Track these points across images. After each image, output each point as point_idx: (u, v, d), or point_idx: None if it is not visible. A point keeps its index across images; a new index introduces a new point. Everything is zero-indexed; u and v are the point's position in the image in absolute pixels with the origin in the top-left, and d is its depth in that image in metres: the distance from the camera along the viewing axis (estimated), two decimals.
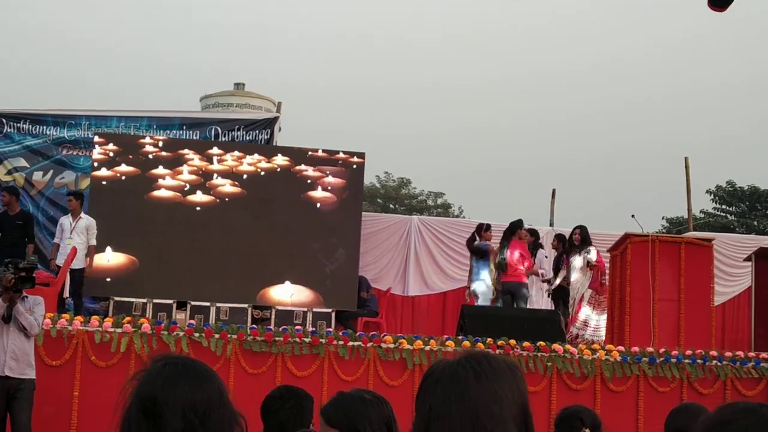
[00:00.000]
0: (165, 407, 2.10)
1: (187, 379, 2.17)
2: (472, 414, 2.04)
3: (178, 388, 2.13)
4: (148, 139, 14.99)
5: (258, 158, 14.91)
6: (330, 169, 15.07)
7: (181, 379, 2.16)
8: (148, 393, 2.13)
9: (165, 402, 2.11)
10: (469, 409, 2.04)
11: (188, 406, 2.11)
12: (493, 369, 2.11)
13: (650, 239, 12.03)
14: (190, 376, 2.18)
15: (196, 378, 2.18)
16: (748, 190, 36.14)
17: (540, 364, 10.88)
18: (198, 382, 2.17)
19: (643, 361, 11.09)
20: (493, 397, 2.07)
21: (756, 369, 11.38)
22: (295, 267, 14.54)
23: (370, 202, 37.95)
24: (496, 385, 2.09)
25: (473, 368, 2.12)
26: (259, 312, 13.99)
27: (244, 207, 14.66)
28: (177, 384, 2.15)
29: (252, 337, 10.47)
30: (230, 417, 2.19)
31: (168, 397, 2.11)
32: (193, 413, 2.11)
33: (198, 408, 2.12)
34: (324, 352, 10.55)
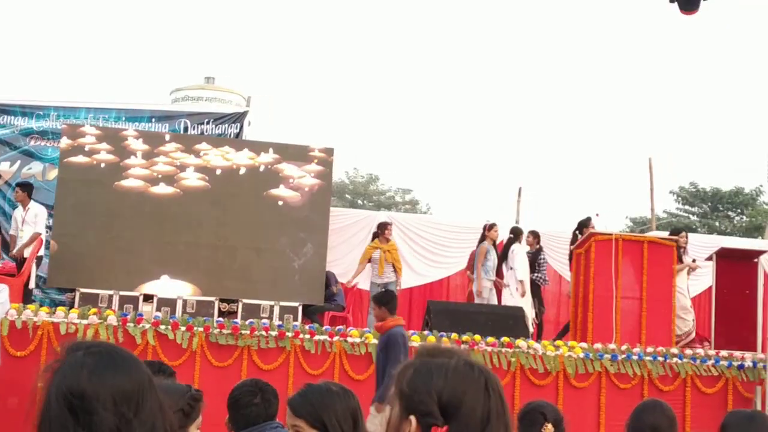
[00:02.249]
0: (95, 402, 1.87)
1: (114, 368, 1.94)
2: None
3: (107, 380, 1.91)
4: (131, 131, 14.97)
5: (228, 152, 14.90)
6: (299, 164, 15.08)
7: (108, 369, 1.93)
8: (74, 387, 1.88)
9: (95, 396, 1.87)
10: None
11: (120, 398, 1.90)
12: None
13: (614, 238, 12.18)
14: (117, 365, 1.96)
15: (124, 366, 1.97)
16: (710, 191, 36.57)
17: (504, 359, 11.00)
18: (126, 371, 1.96)
19: (606, 358, 11.24)
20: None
21: (716, 367, 11.57)
22: (262, 261, 14.57)
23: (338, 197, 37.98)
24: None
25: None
26: (226, 305, 14.00)
27: (212, 200, 14.63)
28: (105, 374, 1.92)
29: (218, 330, 10.51)
30: (161, 403, 1.98)
31: (97, 391, 1.88)
32: (126, 406, 1.90)
33: (131, 399, 1.92)
34: (290, 345, 10.62)
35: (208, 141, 15.12)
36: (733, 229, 35.42)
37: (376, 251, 14.13)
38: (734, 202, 36.76)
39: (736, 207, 37.01)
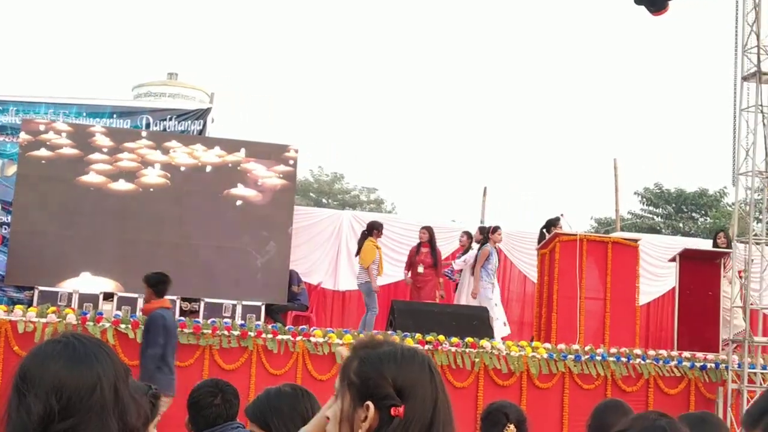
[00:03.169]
0: (31, 386, 1.94)
1: (61, 359, 1.98)
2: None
3: (49, 368, 1.96)
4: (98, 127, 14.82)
5: (191, 149, 14.77)
6: (263, 162, 14.98)
7: (54, 359, 1.98)
8: (22, 369, 1.99)
9: (33, 381, 1.95)
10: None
11: (52, 388, 1.94)
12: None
13: (578, 238, 12.19)
14: (68, 357, 1.99)
15: (74, 360, 1.99)
16: (674, 193, 36.81)
17: (468, 359, 10.96)
18: (74, 364, 1.98)
19: (569, 359, 11.24)
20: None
21: (678, 368, 11.61)
22: (225, 259, 14.44)
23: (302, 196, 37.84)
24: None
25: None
26: (188, 304, 13.86)
27: (173, 198, 14.50)
28: (49, 364, 1.97)
29: (179, 329, 10.38)
30: (108, 408, 1.98)
31: (35, 377, 1.95)
32: (56, 398, 1.93)
33: (63, 393, 1.94)
34: (252, 345, 10.52)
35: (179, 139, 15.00)
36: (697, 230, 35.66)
37: (378, 252, 13.97)
38: (698, 203, 37.02)
39: (700, 208, 37.28)
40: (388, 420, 2.05)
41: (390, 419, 2.05)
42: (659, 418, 2.37)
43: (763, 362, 11.63)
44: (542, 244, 12.91)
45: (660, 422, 2.34)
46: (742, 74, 11.84)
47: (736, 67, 11.86)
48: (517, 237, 16.82)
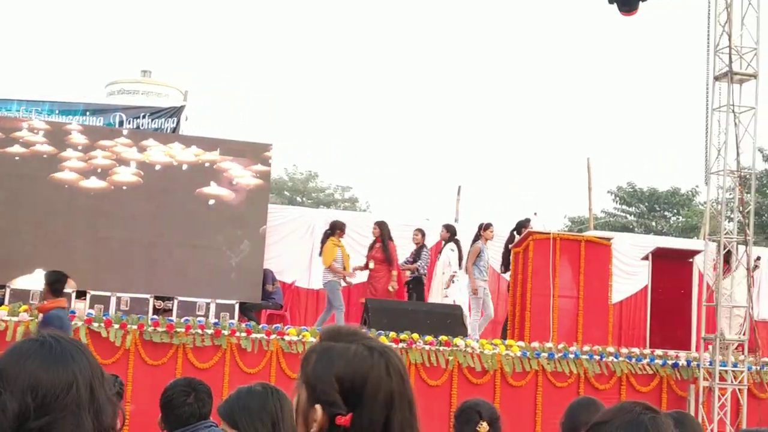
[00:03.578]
0: (6, 385, 1.92)
1: (37, 357, 1.96)
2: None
3: (25, 366, 1.94)
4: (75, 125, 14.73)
5: (169, 147, 14.70)
6: (237, 160, 14.93)
7: (31, 358, 1.96)
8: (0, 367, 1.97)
9: (8, 379, 1.93)
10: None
11: (28, 387, 1.92)
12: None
13: (551, 237, 12.23)
14: (44, 356, 1.97)
15: (51, 359, 1.97)
16: (647, 192, 37.02)
17: (442, 358, 10.98)
18: (50, 363, 1.96)
19: (542, 357, 11.29)
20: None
21: (650, 365, 11.68)
22: (198, 258, 14.39)
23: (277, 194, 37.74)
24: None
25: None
26: (161, 302, 13.79)
27: (146, 196, 14.42)
28: (25, 361, 1.95)
29: (153, 327, 10.34)
30: (84, 407, 1.97)
31: (10, 374, 1.93)
32: (32, 396, 1.91)
33: (39, 391, 1.92)
34: (226, 343, 10.49)
35: (157, 137, 14.93)
36: (669, 229, 35.91)
37: (339, 250, 13.90)
38: (671, 202, 37.28)
39: (672, 207, 37.53)
40: (336, 427, 2.00)
41: (337, 426, 2.00)
42: (644, 412, 2.29)
43: (734, 360, 11.71)
44: (516, 243, 12.95)
45: (643, 417, 2.27)
46: (714, 74, 11.93)
47: (708, 67, 11.95)
48: None
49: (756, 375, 11.79)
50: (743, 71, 11.80)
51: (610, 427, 2.22)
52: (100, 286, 13.40)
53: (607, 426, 2.22)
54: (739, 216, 12.02)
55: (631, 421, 2.23)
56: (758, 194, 35.29)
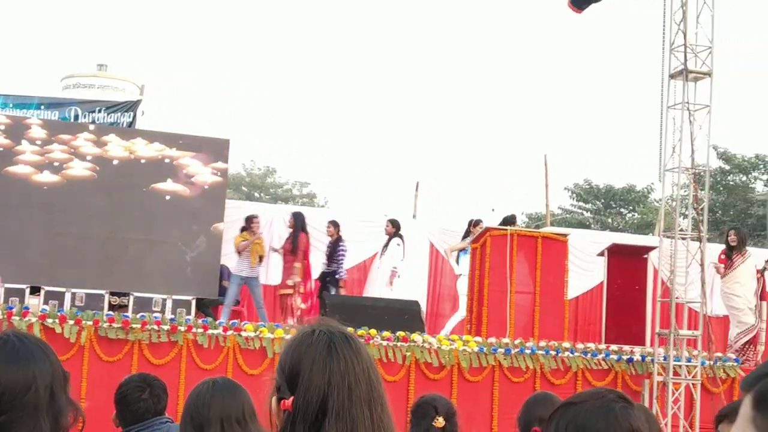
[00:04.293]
0: None
1: (2, 359, 1.98)
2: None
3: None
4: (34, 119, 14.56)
5: (127, 143, 14.59)
6: (193, 155, 14.86)
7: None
8: None
9: None
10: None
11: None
12: None
13: (508, 233, 12.29)
14: (5, 355, 1.98)
15: (11, 358, 1.98)
16: (603, 189, 37.36)
17: (399, 353, 10.99)
18: (9, 363, 1.97)
19: (499, 352, 11.33)
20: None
21: (605, 360, 11.77)
22: (154, 254, 14.30)
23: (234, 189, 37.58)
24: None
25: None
26: (117, 298, 13.69)
27: (101, 191, 14.30)
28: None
29: (108, 323, 10.25)
30: (42, 409, 1.97)
31: None
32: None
33: (2, 392, 1.93)
34: (183, 340, 10.42)
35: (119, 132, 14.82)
36: (625, 225, 36.27)
37: (247, 243, 13.78)
38: (626, 199, 37.66)
39: (628, 204, 37.92)
40: (285, 414, 1.98)
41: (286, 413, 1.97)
42: (616, 399, 2.23)
43: (688, 355, 11.85)
44: (474, 239, 12.99)
45: (614, 405, 2.25)
46: (669, 72, 12.05)
47: (664, 65, 12.06)
48: (448, 231, 16.94)
49: (709, 370, 11.93)
50: (698, 69, 11.93)
51: (579, 408, 2.20)
52: (55, 282, 13.28)
53: (576, 408, 2.21)
54: (694, 213, 12.16)
55: (601, 407, 2.21)
56: (712, 191, 35.79)
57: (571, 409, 2.20)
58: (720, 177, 36.27)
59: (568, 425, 2.16)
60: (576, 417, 2.17)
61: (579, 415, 2.17)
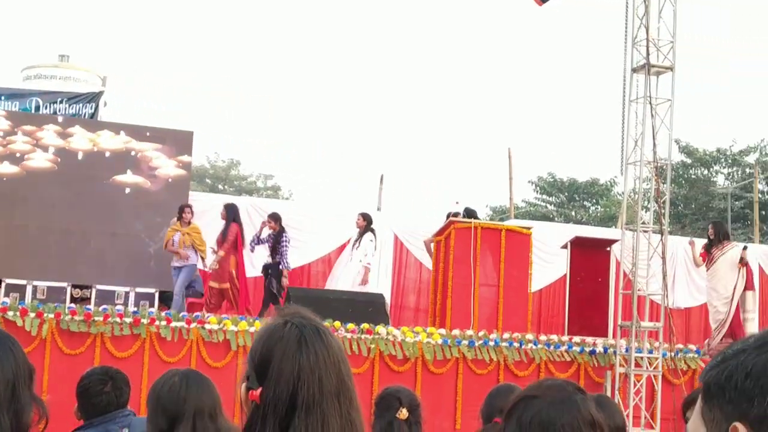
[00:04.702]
0: None
1: None
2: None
3: None
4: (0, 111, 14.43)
5: (93, 134, 14.47)
6: (158, 147, 14.77)
7: None
8: None
9: None
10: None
11: None
12: None
13: (473, 226, 12.33)
14: None
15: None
16: (567, 182, 37.58)
17: (364, 346, 11.01)
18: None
19: (463, 344, 11.38)
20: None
21: (568, 352, 11.86)
22: (117, 246, 14.20)
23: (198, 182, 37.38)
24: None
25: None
26: (79, 291, 13.58)
27: (63, 183, 14.18)
28: None
29: (70, 316, 10.17)
30: (2, 405, 1.96)
31: None
32: None
33: None
34: (145, 332, 10.36)
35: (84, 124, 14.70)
36: (588, 218, 36.52)
37: (176, 234, 13.64)
38: (590, 192, 37.92)
39: (591, 197, 38.18)
40: (253, 404, 1.96)
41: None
42: (576, 392, 2.28)
43: (649, 347, 11.96)
44: (437, 232, 13.02)
45: (575, 397, 2.27)
46: (631, 66, 12.14)
47: (626, 59, 12.15)
48: (412, 224, 16.97)
49: (670, 362, 12.05)
50: (660, 64, 12.03)
51: (541, 402, 2.21)
52: (16, 275, 13.17)
53: (539, 401, 2.22)
54: (655, 206, 12.26)
55: (563, 399, 2.22)
56: (674, 185, 36.15)
57: (534, 403, 2.22)
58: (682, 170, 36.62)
59: (532, 418, 2.18)
60: (541, 410, 2.19)
61: (543, 409, 2.20)
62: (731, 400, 1.12)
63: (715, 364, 1.18)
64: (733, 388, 1.13)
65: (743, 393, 1.12)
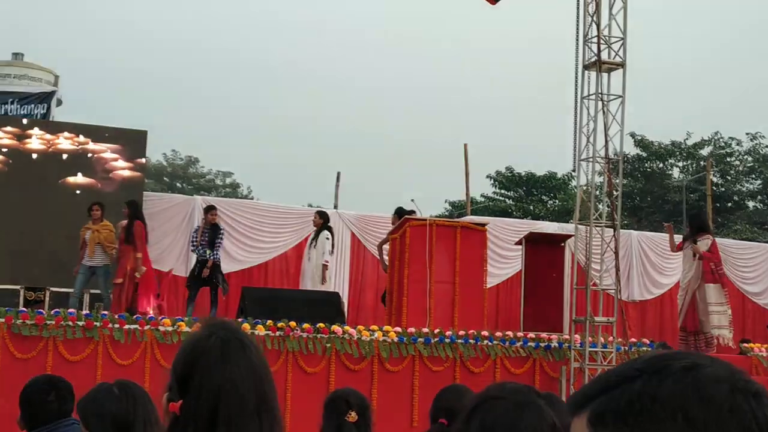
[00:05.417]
0: None
1: None
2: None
3: None
4: None
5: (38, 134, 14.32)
6: (112, 147, 14.67)
7: None
8: None
9: None
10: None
11: None
12: None
13: (428, 223, 12.35)
14: None
15: None
16: (525, 176, 37.77)
17: (319, 345, 10.99)
18: None
19: (419, 342, 11.40)
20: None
21: (524, 348, 11.92)
22: (70, 248, 14.05)
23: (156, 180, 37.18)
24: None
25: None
26: (32, 294, 13.44)
27: (18, 185, 14.04)
28: None
29: (21, 320, 10.05)
30: None
31: None
32: None
33: None
34: (99, 335, 10.27)
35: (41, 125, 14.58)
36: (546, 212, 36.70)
37: (87, 232, 13.49)
38: (548, 186, 38.14)
39: (549, 191, 38.39)
40: (173, 416, 1.94)
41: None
42: (538, 397, 2.29)
43: (603, 341, 12.06)
44: (393, 229, 13.03)
45: (539, 401, 2.27)
46: (583, 63, 12.22)
47: (578, 56, 12.23)
48: (369, 221, 16.98)
49: (624, 355, 12.15)
50: (611, 60, 12.12)
51: (506, 403, 2.22)
52: None
53: (504, 402, 2.22)
54: (608, 201, 12.36)
55: (528, 402, 2.23)
56: (630, 178, 36.47)
57: (499, 404, 2.22)
58: (638, 164, 36.97)
59: (496, 419, 2.18)
60: (506, 412, 2.20)
61: (509, 411, 2.20)
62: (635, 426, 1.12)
63: (595, 392, 1.17)
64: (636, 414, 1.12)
65: (650, 418, 1.11)
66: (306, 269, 14.25)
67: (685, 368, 1.14)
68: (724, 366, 1.15)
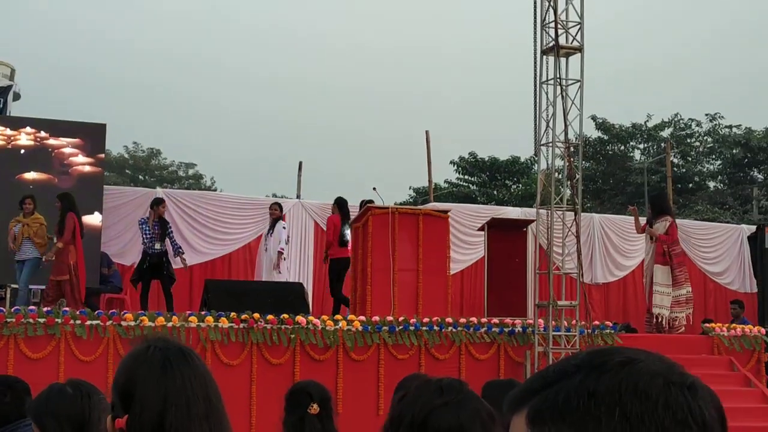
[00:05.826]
0: None
1: None
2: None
3: None
4: None
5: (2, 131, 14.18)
6: (71, 142, 14.53)
7: None
8: None
9: None
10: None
11: None
12: None
13: (390, 211, 12.34)
14: None
15: None
16: (488, 161, 37.85)
17: (284, 336, 10.97)
18: None
19: (384, 330, 11.41)
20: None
21: (488, 334, 11.95)
22: None
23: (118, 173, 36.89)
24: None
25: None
26: None
27: None
28: None
29: None
30: None
31: None
32: None
33: None
34: (60, 332, 10.18)
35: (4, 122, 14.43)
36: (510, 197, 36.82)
37: (17, 225, 13.30)
38: (511, 171, 38.24)
39: (512, 176, 38.50)
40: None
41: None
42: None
43: (567, 325, 12.13)
44: (355, 218, 13.02)
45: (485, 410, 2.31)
46: (541, 48, 12.25)
47: (536, 41, 12.26)
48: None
49: (588, 338, 12.24)
50: (569, 45, 12.15)
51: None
52: None
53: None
54: (568, 185, 12.42)
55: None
56: (592, 161, 36.68)
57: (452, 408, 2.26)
58: (599, 147, 37.17)
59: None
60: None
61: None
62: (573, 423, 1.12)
63: (534, 389, 1.17)
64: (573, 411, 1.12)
65: (587, 414, 1.11)
66: (263, 259, 14.25)
67: (621, 363, 1.14)
68: (659, 360, 1.15)
